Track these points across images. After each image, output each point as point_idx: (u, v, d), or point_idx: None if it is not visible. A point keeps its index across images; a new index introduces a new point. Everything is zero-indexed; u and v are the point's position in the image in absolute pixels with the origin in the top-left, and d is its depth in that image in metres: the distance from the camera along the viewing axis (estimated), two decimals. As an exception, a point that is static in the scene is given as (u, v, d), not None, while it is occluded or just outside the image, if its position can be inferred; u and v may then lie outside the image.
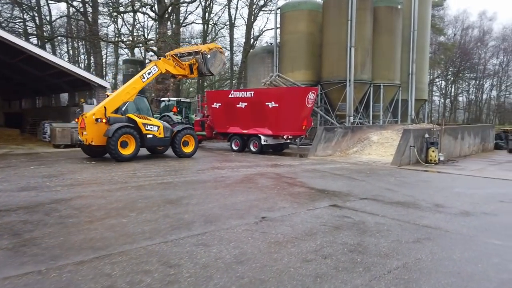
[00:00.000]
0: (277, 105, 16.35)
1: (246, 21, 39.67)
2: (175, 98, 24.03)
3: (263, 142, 16.90)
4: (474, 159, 15.76)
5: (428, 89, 34.47)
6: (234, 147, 18.07)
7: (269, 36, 60.69)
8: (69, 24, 40.94)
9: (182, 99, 25.06)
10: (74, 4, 35.79)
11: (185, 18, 38.90)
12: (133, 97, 13.63)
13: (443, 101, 55.17)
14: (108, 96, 13.73)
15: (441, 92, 54.57)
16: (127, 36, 38.62)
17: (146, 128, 13.31)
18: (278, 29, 24.85)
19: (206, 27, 39.55)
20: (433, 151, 13.84)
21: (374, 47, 22.23)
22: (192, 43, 40.57)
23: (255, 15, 39.83)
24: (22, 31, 38.35)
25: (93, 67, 39.57)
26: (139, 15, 43.45)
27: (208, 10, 39.45)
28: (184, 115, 22.50)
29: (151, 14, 33.07)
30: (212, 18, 40.79)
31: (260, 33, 45.65)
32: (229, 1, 39.39)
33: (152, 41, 31.24)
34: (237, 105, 17.63)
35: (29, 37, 38.16)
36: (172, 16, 35.67)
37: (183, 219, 5.84)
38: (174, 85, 31.11)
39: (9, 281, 3.64)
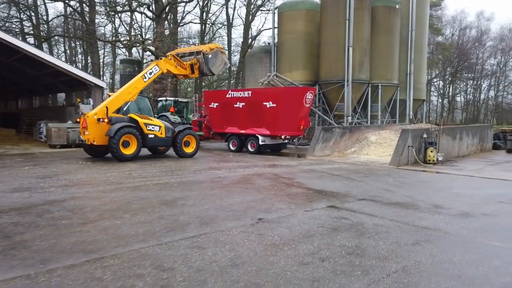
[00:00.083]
0: (275, 105, 16.25)
1: (244, 21, 39.54)
2: (172, 98, 23.93)
3: (261, 142, 16.80)
4: (473, 159, 15.70)
5: (426, 89, 34.46)
6: (232, 147, 17.97)
7: (267, 36, 60.81)
8: (66, 24, 40.76)
9: (180, 99, 24.98)
10: (71, 4, 35.67)
11: (183, 18, 38.81)
12: (135, 97, 13.66)
13: (441, 101, 55.27)
14: (110, 96, 13.76)
15: (439, 92, 54.66)
16: (125, 36, 38.46)
17: (148, 128, 13.33)
18: (276, 29, 24.75)
19: (204, 27, 39.44)
20: (432, 151, 13.77)
21: (372, 47, 22.16)
22: (190, 43, 40.48)
23: (253, 15, 39.74)
24: (19, 31, 38.16)
25: (91, 67, 39.38)
26: (137, 15, 43.38)
27: (206, 10, 39.38)
28: (185, 116, 22.44)
29: (149, 14, 32.91)
30: (210, 18, 40.77)
31: (258, 33, 45.45)
32: (227, 1, 39.31)
33: (150, 41, 31.08)
34: (235, 105, 17.52)
35: (26, 37, 38.00)
36: (170, 16, 35.52)
37: (178, 221, 5.73)
38: (172, 85, 30.98)
39: (-4, 286, 3.53)
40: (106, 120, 12.60)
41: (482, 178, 10.86)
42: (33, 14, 39.11)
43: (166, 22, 34.33)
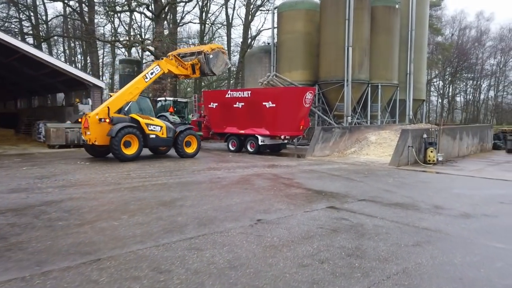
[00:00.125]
0: (274, 105, 16.20)
1: (244, 21, 39.46)
2: (172, 98, 23.87)
3: (260, 143, 16.74)
4: (473, 160, 15.65)
5: (426, 89, 34.39)
6: (231, 148, 17.92)
7: (267, 36, 60.75)
8: (65, 24, 40.69)
9: (179, 99, 24.91)
10: (71, 4, 35.60)
11: (182, 18, 38.70)
12: (136, 97, 13.69)
13: (441, 101, 55.22)
14: (111, 96, 13.79)
15: (439, 92, 54.59)
16: (124, 36, 38.39)
17: (149, 128, 13.36)
18: (276, 29, 24.69)
19: (203, 27, 39.35)
20: (432, 152, 13.71)
21: (372, 47, 22.11)
22: (190, 43, 40.43)
23: (253, 15, 39.66)
24: (18, 31, 38.10)
25: (90, 67, 39.32)
26: (136, 15, 43.31)
27: (205, 10, 39.30)
28: (186, 116, 22.39)
29: (148, 14, 32.84)
30: (209, 18, 40.66)
31: (258, 33, 45.27)
32: (226, 1, 39.23)
33: (149, 41, 31.00)
34: (234, 105, 17.46)
35: (25, 37, 37.94)
36: (169, 16, 35.46)
37: (176, 222, 5.67)
38: (171, 85, 30.90)
39: (-10, 289, 3.47)
40: (108, 120, 12.66)
41: (483, 179, 10.81)
42: (32, 14, 39.05)
43: (166, 22, 34.28)
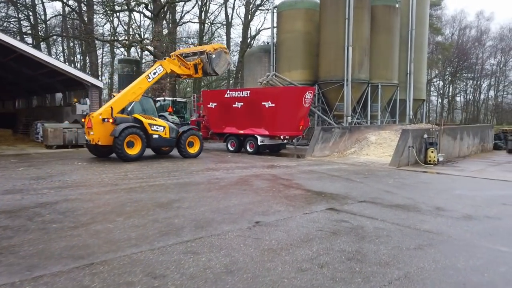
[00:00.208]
0: (274, 105, 16.08)
1: (243, 21, 39.32)
2: (171, 98, 23.76)
3: (260, 143, 16.62)
4: (474, 160, 15.53)
5: (426, 89, 34.26)
6: (230, 148, 17.80)
7: (266, 36, 60.62)
8: (64, 23, 40.55)
9: (178, 99, 24.81)
10: (69, 3, 35.46)
11: (181, 18, 38.56)
12: (139, 97, 13.71)
13: (441, 101, 55.10)
14: (115, 96, 13.81)
15: (439, 92, 54.48)
16: (123, 36, 38.25)
17: (152, 129, 13.39)
18: (275, 28, 24.54)
19: (203, 27, 39.21)
20: (432, 152, 13.60)
21: (372, 46, 21.98)
22: (189, 43, 40.31)
23: (252, 14, 39.50)
24: (17, 31, 37.97)
25: (89, 67, 39.18)
26: (136, 14, 43.17)
27: (205, 10, 39.12)
28: (185, 115, 22.29)
29: (147, 14, 32.70)
30: (209, 18, 40.48)
31: (257, 33, 45.20)
32: (226, 0, 39.06)
33: (148, 40, 30.85)
34: (233, 105, 17.35)
35: (24, 37, 37.81)
36: (169, 16, 35.33)
37: (173, 224, 5.55)
38: (170, 85, 30.75)
39: (-22, 296, 3.36)
40: (111, 120, 12.68)
41: (484, 179, 10.70)
42: (31, 14, 38.93)
43: (165, 22, 34.14)
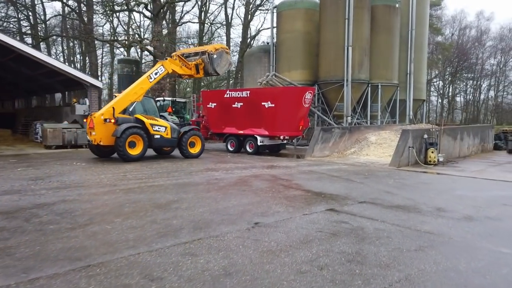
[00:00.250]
0: (274, 105, 16.04)
1: (243, 21, 39.26)
2: (170, 98, 23.71)
3: (259, 143, 16.58)
4: (474, 160, 15.48)
5: (426, 89, 34.22)
6: (230, 148, 17.76)
7: (266, 36, 60.52)
8: (64, 23, 40.49)
9: (178, 99, 24.76)
10: (69, 3, 35.40)
11: (181, 18, 38.50)
12: (141, 97, 13.72)
13: (441, 101, 55.05)
14: (116, 97, 13.83)
15: (439, 92, 54.42)
16: (122, 36, 38.19)
17: (154, 129, 13.40)
18: (275, 28, 24.49)
19: (203, 27, 39.15)
20: (432, 152, 13.55)
21: (372, 46, 21.93)
22: (189, 43, 40.26)
23: (252, 14, 39.45)
24: (17, 31, 37.91)
25: (89, 67, 39.11)
26: (135, 14, 43.11)
27: (204, 10, 39.06)
28: (185, 115, 22.24)
29: (147, 14, 32.64)
30: (209, 18, 40.41)
31: (257, 33, 45.16)
32: (226, 1, 39.00)
33: (147, 40, 30.80)
34: (233, 105, 17.30)
35: (24, 37, 37.75)
36: (168, 16, 35.27)
37: (171, 226, 5.50)
38: (170, 85, 30.69)
39: (-28, 299, 3.31)
40: (113, 121, 12.70)
41: (485, 180, 10.65)
42: (31, 14, 38.87)
43: (165, 22, 34.07)
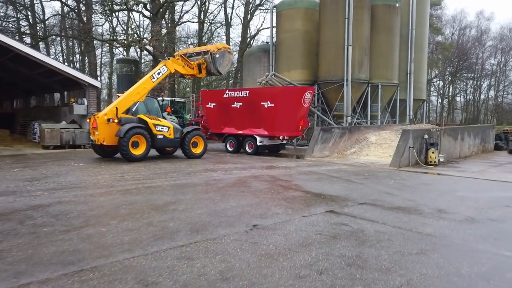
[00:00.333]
0: (273, 105, 15.93)
1: (242, 20, 39.17)
2: (169, 98, 23.60)
3: (259, 143, 16.47)
4: (475, 160, 15.38)
5: (426, 89, 34.12)
6: (229, 148, 17.65)
7: (266, 35, 60.44)
8: (63, 23, 40.36)
9: (177, 99, 24.66)
10: (68, 3, 35.28)
11: (181, 17, 38.40)
12: (144, 97, 13.72)
13: (441, 101, 54.94)
14: (119, 97, 13.82)
15: (439, 92, 54.32)
16: (122, 35, 38.06)
17: (157, 129, 13.40)
18: (274, 28, 24.38)
19: (202, 26, 39.04)
20: (433, 152, 13.44)
21: (372, 46, 21.82)
22: (188, 43, 40.14)
23: (252, 14, 39.35)
24: (16, 30, 37.77)
25: (88, 67, 38.98)
26: (135, 14, 42.99)
27: (204, 9, 38.94)
28: (184, 116, 22.16)
29: (146, 13, 32.52)
30: (208, 17, 40.29)
31: (257, 32, 45.14)
32: (225, 0, 38.92)
33: (146, 40, 30.68)
34: (232, 105, 17.20)
35: (23, 36, 37.60)
36: (168, 15, 35.15)
37: (168, 228, 5.39)
38: (169, 85, 30.59)
39: (-41, 305, 3.20)
40: (116, 121, 12.69)
41: (486, 180, 10.55)
42: (30, 14, 38.75)
43: (164, 22, 33.95)
